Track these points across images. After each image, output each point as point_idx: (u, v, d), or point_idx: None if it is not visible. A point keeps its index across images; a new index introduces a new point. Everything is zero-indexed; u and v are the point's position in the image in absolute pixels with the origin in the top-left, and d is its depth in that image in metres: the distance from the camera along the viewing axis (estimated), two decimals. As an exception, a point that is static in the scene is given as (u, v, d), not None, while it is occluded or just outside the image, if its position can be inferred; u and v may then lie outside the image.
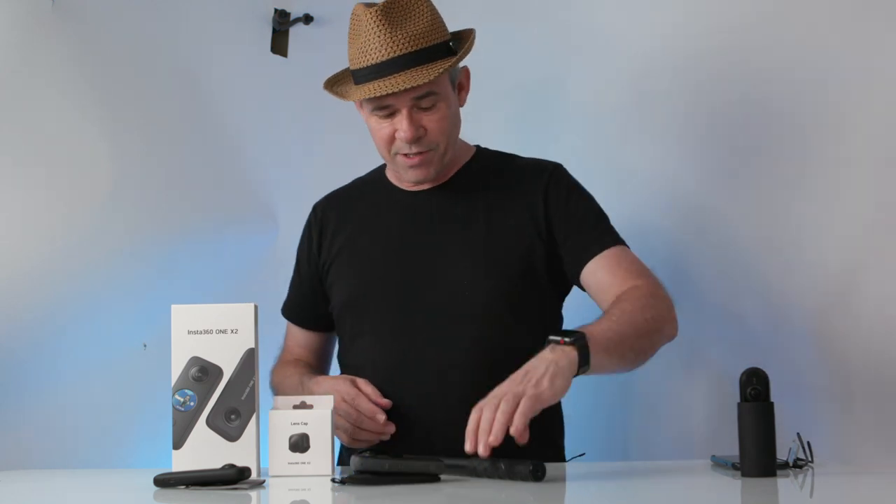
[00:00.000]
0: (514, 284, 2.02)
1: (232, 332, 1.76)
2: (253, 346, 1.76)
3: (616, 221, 2.09)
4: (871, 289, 2.10)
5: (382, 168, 2.19)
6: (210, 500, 1.59)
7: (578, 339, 1.74)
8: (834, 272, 2.14)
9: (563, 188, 2.07)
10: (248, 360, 1.75)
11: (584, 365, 1.73)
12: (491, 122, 2.40)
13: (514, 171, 2.11)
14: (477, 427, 1.65)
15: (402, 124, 1.98)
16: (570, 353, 1.72)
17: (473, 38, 2.04)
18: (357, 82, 1.99)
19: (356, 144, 2.13)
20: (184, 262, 2.42)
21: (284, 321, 2.25)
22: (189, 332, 1.76)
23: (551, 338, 1.76)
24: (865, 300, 2.10)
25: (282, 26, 2.66)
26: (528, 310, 2.04)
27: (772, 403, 1.64)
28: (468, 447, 1.65)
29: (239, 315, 1.76)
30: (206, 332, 1.76)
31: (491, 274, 2.02)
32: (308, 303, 2.19)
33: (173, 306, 1.77)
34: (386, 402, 1.97)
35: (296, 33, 2.69)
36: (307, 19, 2.68)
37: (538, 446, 1.76)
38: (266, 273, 2.51)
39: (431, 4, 2.02)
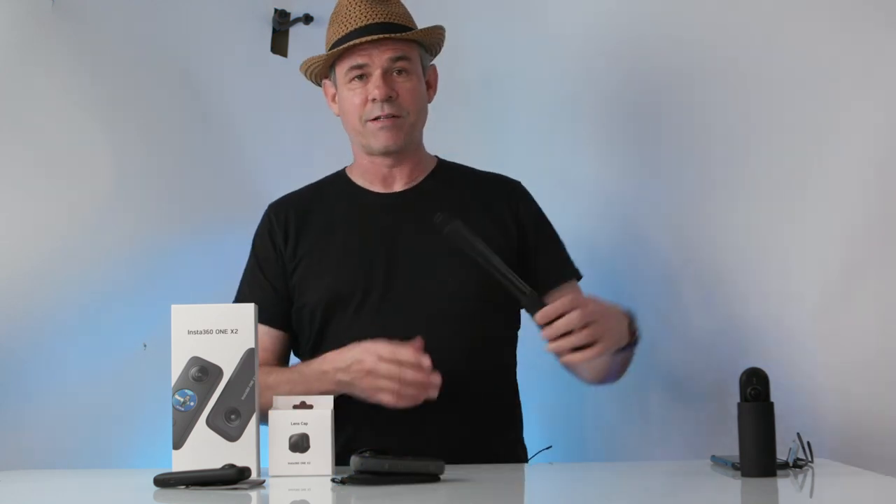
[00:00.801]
0: (488, 280, 2.03)
1: (232, 332, 1.76)
2: (253, 346, 1.76)
3: (612, 223, 2.10)
4: (871, 289, 2.10)
5: (343, 172, 2.22)
6: (210, 500, 1.59)
7: (637, 340, 2.00)
8: (834, 272, 2.14)
9: (533, 211, 2.19)
10: (248, 360, 1.75)
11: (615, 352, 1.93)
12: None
13: (477, 181, 2.20)
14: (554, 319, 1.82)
15: (375, 82, 2.06)
16: (626, 337, 1.95)
17: (444, 31, 2.14)
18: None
19: (356, 144, 2.14)
20: (184, 262, 2.42)
21: None
22: (189, 332, 1.75)
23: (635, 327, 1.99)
24: (865, 300, 2.10)
25: (282, 26, 2.66)
26: (500, 305, 2.07)
27: (772, 403, 1.64)
28: (540, 321, 1.83)
29: (239, 315, 1.76)
30: (206, 332, 1.76)
31: (467, 267, 2.01)
32: (274, 301, 2.15)
33: (173, 306, 1.77)
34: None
35: (296, 33, 2.69)
36: (307, 19, 2.68)
37: (494, 437, 1.96)
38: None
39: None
